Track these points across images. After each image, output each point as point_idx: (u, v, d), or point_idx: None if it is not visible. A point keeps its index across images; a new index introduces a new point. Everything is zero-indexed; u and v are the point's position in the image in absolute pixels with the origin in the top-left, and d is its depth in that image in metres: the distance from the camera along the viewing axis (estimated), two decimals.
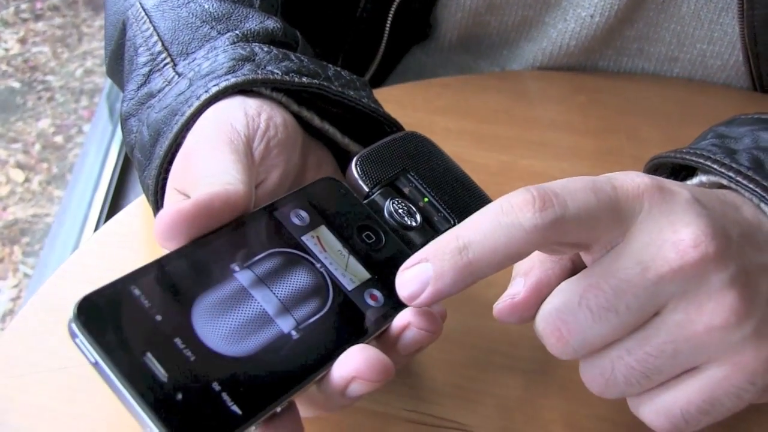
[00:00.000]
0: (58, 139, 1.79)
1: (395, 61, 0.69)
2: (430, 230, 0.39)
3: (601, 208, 0.31)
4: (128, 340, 0.28)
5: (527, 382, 0.43)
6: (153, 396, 0.27)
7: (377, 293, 0.35)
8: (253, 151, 0.37)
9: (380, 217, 0.38)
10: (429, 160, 0.41)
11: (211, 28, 0.43)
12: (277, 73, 0.40)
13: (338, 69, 0.44)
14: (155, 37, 0.44)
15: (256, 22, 0.44)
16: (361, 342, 0.32)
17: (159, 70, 0.43)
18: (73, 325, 0.28)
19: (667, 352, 0.32)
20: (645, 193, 0.32)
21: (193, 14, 0.44)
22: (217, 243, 0.33)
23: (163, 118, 0.40)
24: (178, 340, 0.29)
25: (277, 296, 0.32)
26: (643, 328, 0.32)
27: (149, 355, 0.28)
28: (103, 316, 0.28)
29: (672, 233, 0.31)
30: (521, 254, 0.32)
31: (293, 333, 0.31)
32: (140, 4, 0.45)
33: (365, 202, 0.38)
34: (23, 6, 2.07)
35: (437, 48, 0.67)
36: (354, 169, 0.39)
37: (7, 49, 1.98)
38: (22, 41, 2.01)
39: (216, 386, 0.28)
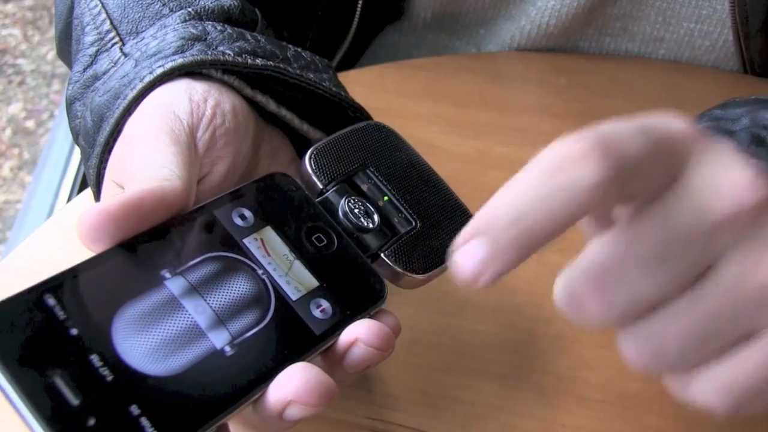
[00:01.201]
0: (30, 124, 1.75)
1: (367, 42, 0.65)
2: (389, 233, 0.35)
3: (658, 151, 0.26)
4: (36, 358, 0.25)
5: (500, 387, 0.39)
6: (59, 423, 0.23)
7: (325, 303, 0.31)
8: (196, 141, 0.34)
9: (334, 218, 0.35)
10: (392, 155, 0.38)
11: (163, 5, 0.40)
12: (229, 54, 0.37)
13: (299, 50, 0.41)
14: (103, 15, 0.41)
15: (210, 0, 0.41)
16: (304, 359, 0.29)
17: (107, 50, 0.40)
18: None
19: (726, 312, 0.27)
20: (695, 133, 0.28)
21: None
22: (147, 246, 0.29)
23: (105, 102, 0.37)
24: (94, 358, 0.26)
25: (211, 307, 0.29)
26: (697, 286, 0.27)
27: (59, 375, 0.24)
28: (10, 330, 0.25)
29: (726, 177, 0.27)
30: (582, 216, 0.26)
31: (227, 349, 0.28)
32: None
33: (318, 200, 0.35)
34: None
35: (411, 27, 0.64)
36: (307, 164, 0.35)
37: None
38: None
39: (135, 410, 0.25)
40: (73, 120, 0.41)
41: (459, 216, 0.37)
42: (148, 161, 0.32)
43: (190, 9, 0.40)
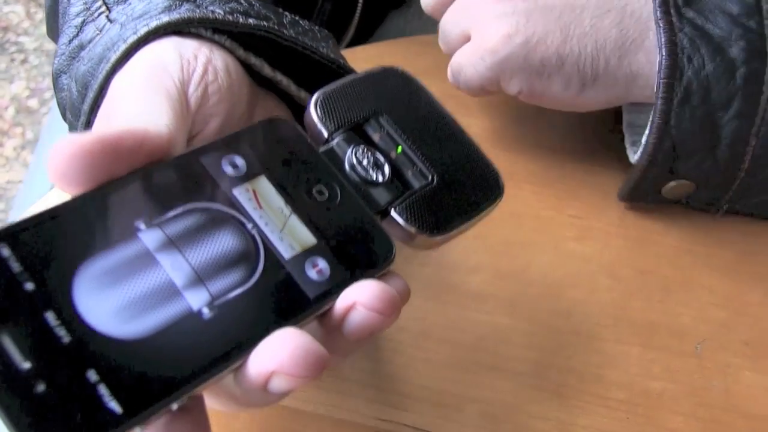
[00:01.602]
0: (33, 102, 1.72)
1: (372, 29, 0.63)
2: (401, 187, 0.31)
3: None
4: None
5: (516, 385, 0.37)
6: (5, 386, 0.21)
7: (322, 263, 0.28)
8: (188, 97, 0.31)
9: (338, 169, 0.31)
10: (410, 103, 0.34)
11: None
12: (219, 13, 0.35)
13: (297, 18, 0.38)
14: None
15: None
16: (294, 325, 0.26)
17: (93, 20, 0.37)
18: None
19: (456, 18, 0.45)
20: None
21: None
22: (122, 194, 0.26)
23: (89, 70, 0.35)
24: (50, 316, 0.23)
25: (190, 263, 0.26)
26: None
27: (7, 334, 0.22)
28: None
29: None
30: None
31: (204, 311, 0.25)
32: None
33: (322, 150, 0.31)
34: None
35: (415, 13, 0.61)
36: (312, 109, 0.32)
37: None
38: None
39: (92, 376, 0.22)
40: (60, 93, 0.39)
41: (482, 172, 0.33)
42: (134, 111, 0.29)
43: None
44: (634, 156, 0.44)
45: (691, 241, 0.44)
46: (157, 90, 0.30)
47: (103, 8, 0.37)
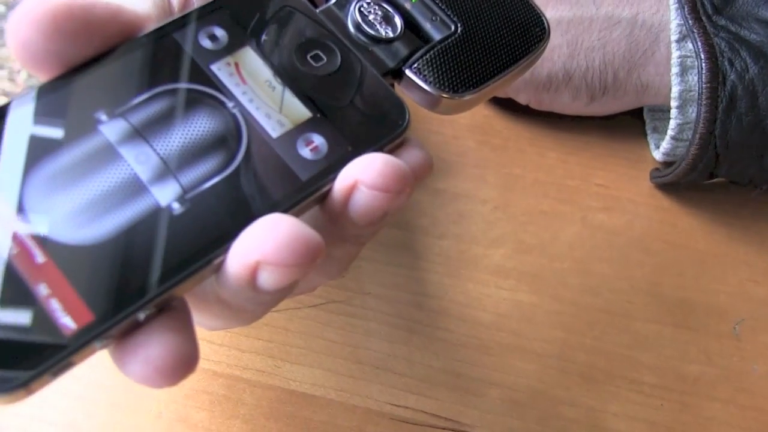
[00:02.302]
0: None
1: None
2: (418, 42, 0.27)
3: None
4: None
5: (542, 368, 0.35)
6: None
7: (318, 139, 0.24)
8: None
9: (340, 30, 0.27)
10: None
11: None
12: None
13: None
14: None
15: None
16: (284, 211, 0.23)
17: None
18: None
19: None
20: None
21: None
22: (83, 81, 0.23)
23: None
24: None
25: (158, 154, 0.23)
26: None
27: None
28: None
29: None
30: None
31: (174, 205, 0.22)
32: None
33: (321, 9, 0.27)
34: None
35: None
36: None
37: None
38: None
39: (43, 290, 0.20)
40: None
41: (519, 13, 0.28)
42: None
43: None
44: (655, 146, 0.42)
45: (726, 213, 0.41)
46: None
47: None
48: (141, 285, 0.21)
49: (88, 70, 0.23)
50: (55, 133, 0.22)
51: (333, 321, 0.35)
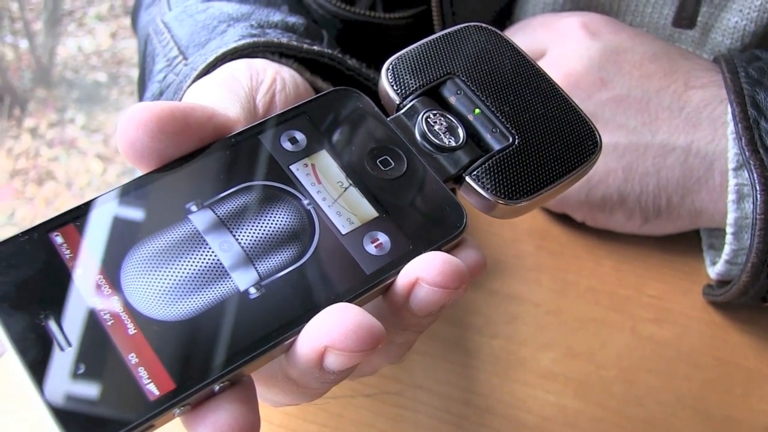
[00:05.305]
0: None
1: None
2: (478, 151, 0.29)
3: None
4: (31, 300, 0.23)
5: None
6: (45, 368, 0.22)
7: (383, 237, 0.27)
8: (256, 102, 0.31)
9: (407, 137, 0.29)
10: (490, 60, 0.31)
11: (228, 25, 0.39)
12: (284, 40, 0.36)
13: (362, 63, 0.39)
14: (171, 44, 0.40)
15: (277, 17, 0.40)
16: (349, 301, 0.25)
17: (172, 70, 0.39)
18: None
19: None
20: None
21: (211, 17, 0.40)
22: (176, 176, 0.26)
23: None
24: (95, 301, 0.23)
25: (240, 243, 0.26)
26: None
27: (52, 318, 0.23)
28: (9, 270, 0.23)
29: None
30: None
31: (251, 291, 0.25)
32: (160, 18, 0.42)
33: (391, 118, 0.30)
34: (117, 2, 2.10)
35: None
36: (384, 76, 0.30)
37: (98, 44, 2.01)
38: (113, 36, 2.04)
39: (132, 359, 0.23)
40: None
41: (573, 128, 0.30)
42: (206, 101, 0.30)
43: (252, 21, 0.39)
44: (711, 263, 0.43)
45: None
46: (228, 91, 0.31)
47: (180, 57, 0.39)
48: (219, 360, 0.23)
49: (182, 165, 0.27)
50: (151, 219, 0.26)
51: (385, 411, 0.37)
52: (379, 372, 0.36)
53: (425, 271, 0.25)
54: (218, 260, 0.25)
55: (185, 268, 0.25)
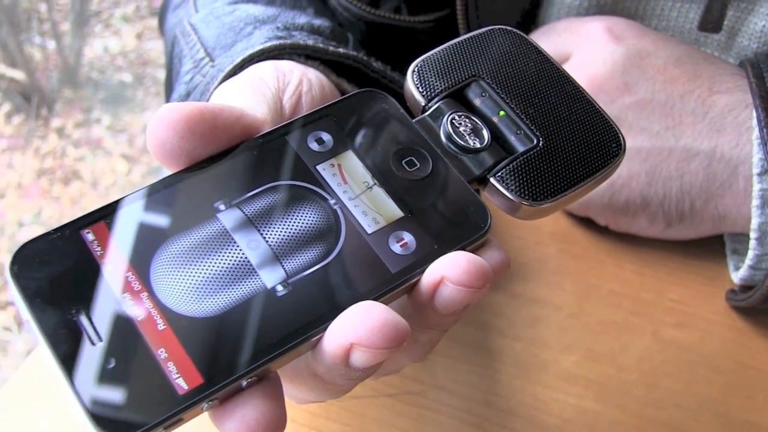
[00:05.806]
0: None
1: None
2: (503, 153, 0.29)
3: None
4: (63, 295, 0.24)
5: None
6: (77, 362, 0.23)
7: (408, 237, 0.27)
8: (282, 103, 0.32)
9: (433, 138, 0.29)
10: (515, 63, 0.31)
11: (255, 27, 0.40)
12: (309, 42, 0.37)
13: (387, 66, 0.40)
14: (198, 45, 0.41)
15: (303, 20, 0.41)
16: (374, 299, 0.26)
17: (199, 71, 0.40)
18: (8, 274, 0.24)
19: None
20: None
21: (238, 19, 0.41)
22: (204, 176, 0.27)
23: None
24: (126, 296, 0.24)
25: (267, 241, 0.26)
26: None
27: (84, 313, 0.23)
28: (42, 266, 0.24)
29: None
30: None
31: (278, 288, 0.25)
32: (187, 20, 0.42)
33: (417, 119, 0.30)
34: (143, 3, 2.12)
35: None
36: (409, 78, 0.30)
37: (123, 45, 2.03)
38: (139, 37, 2.06)
39: (161, 353, 0.23)
40: None
41: (597, 130, 0.30)
42: (234, 102, 0.30)
43: (279, 23, 0.39)
44: (734, 268, 0.43)
45: None
46: (255, 92, 0.31)
47: (207, 59, 0.40)
48: (246, 356, 0.24)
49: (210, 165, 0.27)
50: (179, 217, 0.26)
51: (406, 411, 0.38)
52: (402, 372, 0.36)
53: (450, 271, 0.26)
54: (246, 258, 0.26)
55: (213, 266, 0.25)
